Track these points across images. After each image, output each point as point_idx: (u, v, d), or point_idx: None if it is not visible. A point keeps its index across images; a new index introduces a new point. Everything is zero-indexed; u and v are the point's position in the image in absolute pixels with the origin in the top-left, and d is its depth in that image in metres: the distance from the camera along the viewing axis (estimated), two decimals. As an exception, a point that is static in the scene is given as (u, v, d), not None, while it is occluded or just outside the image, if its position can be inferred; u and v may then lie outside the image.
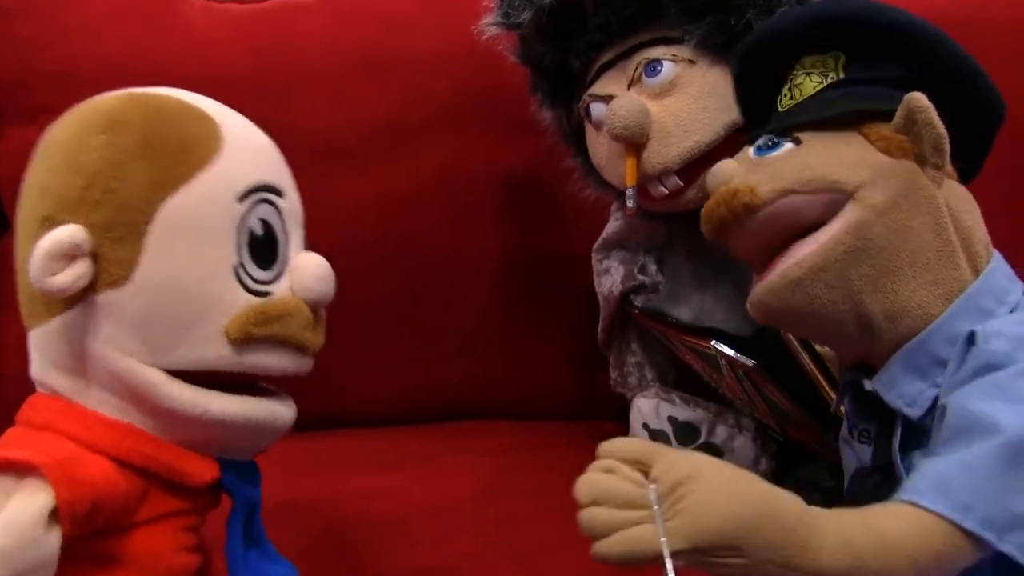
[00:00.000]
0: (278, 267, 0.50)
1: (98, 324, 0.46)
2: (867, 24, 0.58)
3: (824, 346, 0.67)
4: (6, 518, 0.41)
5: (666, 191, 0.71)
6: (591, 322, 0.88)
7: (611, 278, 0.83)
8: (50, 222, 0.45)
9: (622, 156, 0.71)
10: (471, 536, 0.69)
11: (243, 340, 0.47)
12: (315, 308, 0.51)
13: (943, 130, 0.53)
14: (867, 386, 0.55)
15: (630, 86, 0.72)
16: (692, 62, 0.70)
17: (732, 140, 0.69)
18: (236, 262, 0.48)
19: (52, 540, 0.41)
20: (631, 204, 0.71)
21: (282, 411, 0.52)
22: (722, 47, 0.69)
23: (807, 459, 0.73)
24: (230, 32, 0.92)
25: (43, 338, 0.48)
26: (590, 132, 0.77)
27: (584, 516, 0.43)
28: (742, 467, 0.47)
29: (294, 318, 0.49)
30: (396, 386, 0.95)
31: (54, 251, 0.44)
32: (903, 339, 0.53)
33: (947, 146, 0.53)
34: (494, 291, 0.96)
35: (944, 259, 0.53)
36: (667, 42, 0.71)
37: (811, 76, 0.59)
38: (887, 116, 0.55)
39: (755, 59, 0.64)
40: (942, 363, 0.52)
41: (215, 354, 0.47)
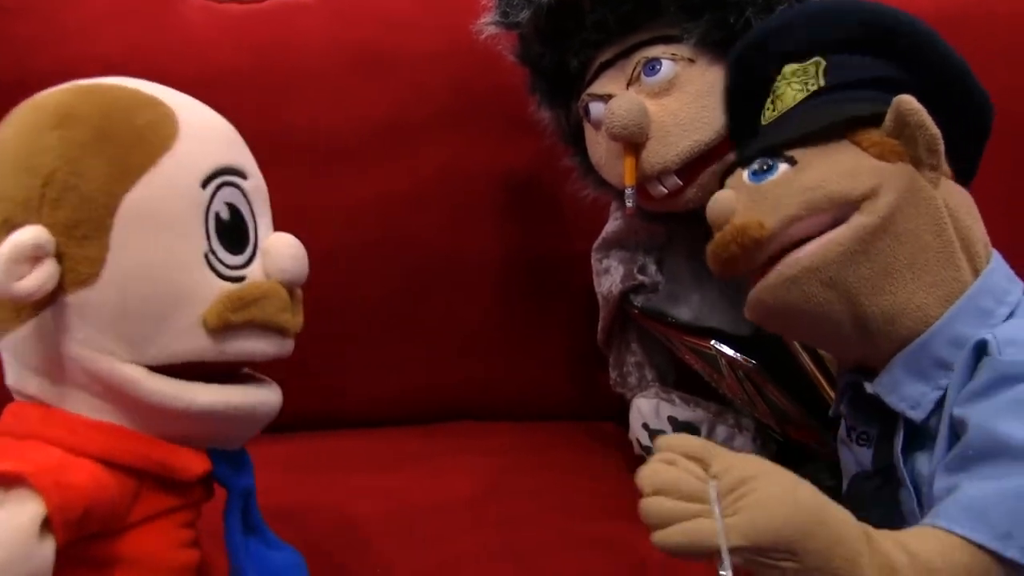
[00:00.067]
0: (249, 250, 0.49)
1: (71, 325, 0.45)
2: (853, 20, 0.57)
3: (823, 349, 0.67)
4: None
5: (665, 191, 0.71)
6: (591, 322, 0.88)
7: (611, 278, 0.83)
8: (10, 225, 0.44)
9: (621, 156, 0.71)
10: (471, 536, 0.69)
11: (222, 328, 0.46)
12: (291, 289, 0.50)
13: (936, 131, 0.53)
14: (868, 389, 0.55)
15: (629, 85, 0.72)
16: (691, 61, 0.70)
17: (729, 139, 0.69)
18: (206, 249, 0.47)
19: (46, 550, 0.41)
20: (630, 204, 0.71)
21: (268, 396, 0.51)
22: (721, 45, 0.69)
23: (807, 459, 0.73)
24: (229, 32, 0.92)
25: (15, 344, 0.47)
26: (589, 131, 0.77)
27: (646, 504, 0.44)
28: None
29: (271, 300, 0.48)
30: (396, 386, 0.95)
31: (17, 255, 0.43)
32: (903, 341, 0.53)
33: (941, 146, 0.53)
34: (494, 291, 0.95)
35: (943, 260, 0.52)
36: (666, 41, 0.71)
37: (792, 85, 0.59)
38: (875, 120, 0.55)
39: (745, 66, 0.63)
40: (945, 365, 0.52)
41: (195, 345, 0.46)
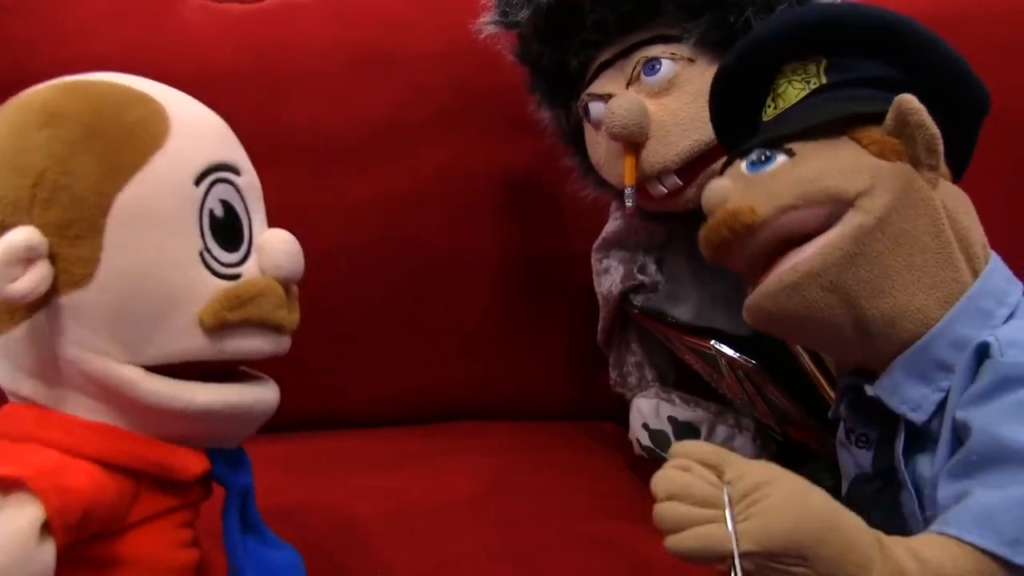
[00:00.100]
0: (244, 248, 0.49)
1: (66, 327, 0.45)
2: (853, 25, 0.57)
3: (823, 352, 0.67)
4: None
5: (665, 190, 0.71)
6: (591, 322, 0.88)
7: (611, 278, 0.83)
8: (1, 227, 0.44)
9: (621, 155, 0.71)
10: (471, 536, 0.69)
11: (218, 327, 0.46)
12: (287, 286, 0.50)
13: (936, 131, 0.52)
14: (869, 391, 0.54)
15: (629, 85, 0.72)
16: (691, 60, 0.70)
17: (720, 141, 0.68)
18: (201, 247, 0.46)
19: (46, 553, 0.40)
20: (630, 203, 0.71)
21: (265, 394, 0.50)
22: (721, 45, 0.68)
23: (807, 459, 0.73)
24: (228, 32, 0.92)
25: (9, 346, 0.46)
26: (589, 131, 0.77)
27: (660, 509, 0.45)
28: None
29: (267, 298, 0.48)
30: (396, 386, 0.95)
31: (9, 257, 0.42)
32: (903, 343, 0.52)
33: (941, 147, 0.53)
34: (494, 291, 0.95)
35: (942, 261, 0.52)
36: (666, 40, 0.71)
37: (793, 83, 0.59)
38: (876, 118, 0.54)
39: (739, 71, 0.63)
40: (946, 367, 0.51)
41: (191, 344, 0.46)
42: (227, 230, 0.48)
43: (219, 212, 0.48)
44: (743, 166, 0.57)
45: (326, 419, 0.92)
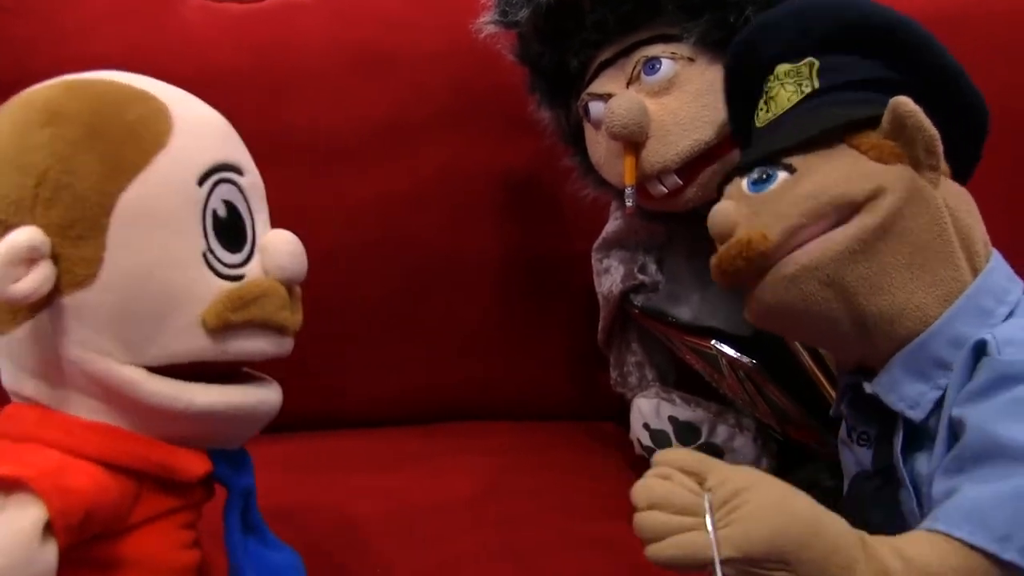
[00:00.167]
0: (247, 248, 0.49)
1: (69, 327, 0.44)
2: (850, 23, 0.57)
3: (822, 349, 0.67)
4: None
5: (665, 190, 0.71)
6: (591, 322, 0.88)
7: (611, 277, 0.83)
8: (3, 227, 0.43)
9: (621, 155, 0.71)
10: (471, 536, 0.69)
11: (221, 328, 0.46)
12: (290, 287, 0.50)
13: (934, 131, 0.53)
14: (867, 389, 0.54)
15: (629, 84, 0.72)
16: (691, 60, 0.70)
17: (731, 139, 0.68)
18: (204, 248, 0.46)
19: (48, 554, 0.40)
20: (630, 203, 0.71)
21: (268, 395, 0.50)
22: (721, 44, 0.68)
23: (808, 459, 0.73)
24: (228, 32, 0.92)
25: (12, 346, 0.46)
26: (589, 131, 0.77)
27: (640, 519, 0.45)
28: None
29: (270, 299, 0.48)
30: (396, 386, 0.95)
31: (12, 257, 0.42)
32: (902, 341, 0.52)
33: (940, 147, 0.53)
34: (494, 291, 0.95)
35: (943, 259, 0.52)
36: (666, 40, 0.71)
37: (785, 86, 0.59)
38: (871, 122, 0.54)
39: (738, 65, 0.63)
40: (944, 365, 0.51)
41: (194, 345, 0.46)
42: (230, 231, 0.48)
43: (222, 212, 0.47)
44: (744, 185, 0.57)
45: (326, 419, 0.92)
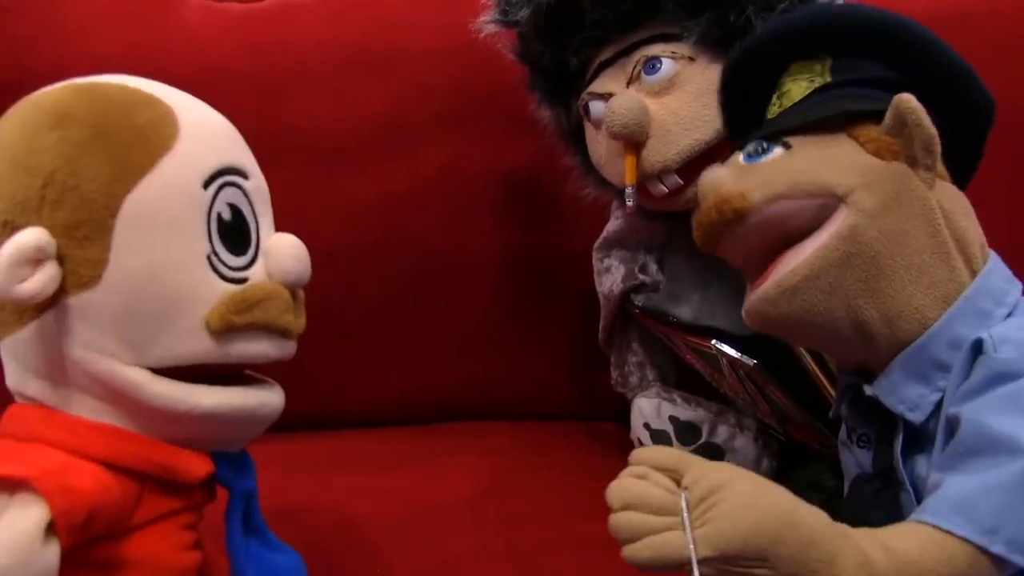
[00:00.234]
0: (251, 252, 0.49)
1: (73, 328, 0.45)
2: (856, 26, 0.57)
3: (822, 353, 0.67)
4: (1, 537, 0.39)
5: (666, 190, 0.71)
6: (591, 322, 0.88)
7: (612, 277, 0.83)
8: (10, 227, 0.44)
9: (621, 154, 0.71)
10: (471, 536, 0.69)
11: (225, 330, 0.46)
12: (293, 290, 0.50)
13: (933, 131, 0.53)
14: (867, 391, 0.54)
15: (629, 84, 0.72)
16: (692, 59, 0.70)
17: (732, 138, 0.69)
18: (208, 251, 0.46)
19: (50, 554, 0.40)
20: (630, 203, 0.71)
21: (270, 398, 0.50)
22: (721, 44, 0.69)
23: (809, 459, 0.73)
24: (228, 31, 0.92)
25: (16, 346, 0.47)
26: (589, 130, 0.77)
27: (615, 520, 0.44)
28: (743, 467, 0.47)
29: (274, 302, 0.48)
30: (396, 386, 0.95)
31: (18, 257, 0.42)
32: (902, 344, 0.52)
33: (938, 147, 0.53)
34: (494, 291, 0.95)
35: (939, 261, 0.52)
36: (666, 39, 0.71)
37: (798, 82, 0.59)
38: (875, 117, 0.55)
39: (746, 69, 0.63)
40: (944, 367, 0.51)
41: (198, 347, 0.46)
42: (235, 234, 0.48)
43: (227, 216, 0.48)
44: (740, 157, 0.57)
45: (326, 419, 0.92)
